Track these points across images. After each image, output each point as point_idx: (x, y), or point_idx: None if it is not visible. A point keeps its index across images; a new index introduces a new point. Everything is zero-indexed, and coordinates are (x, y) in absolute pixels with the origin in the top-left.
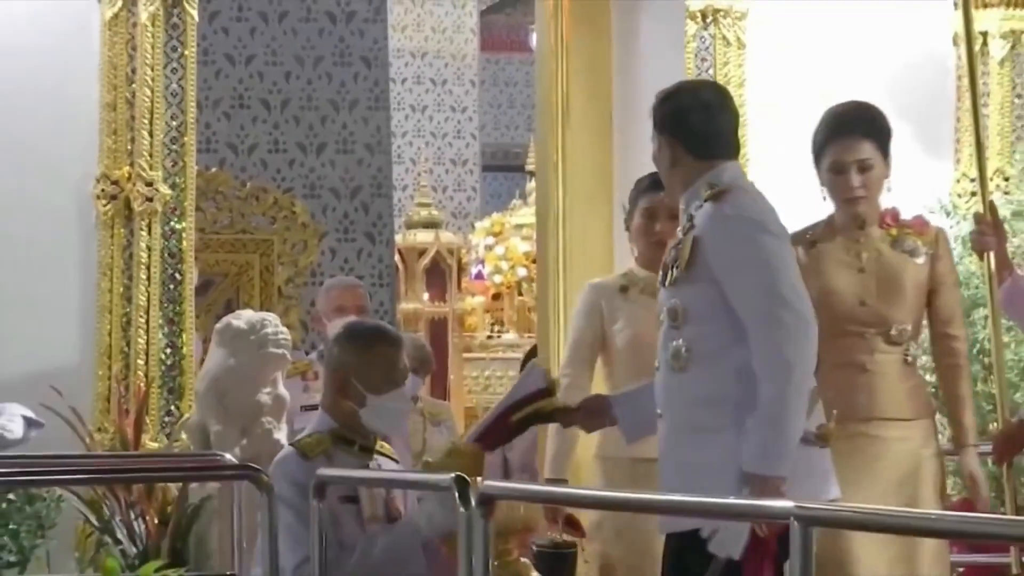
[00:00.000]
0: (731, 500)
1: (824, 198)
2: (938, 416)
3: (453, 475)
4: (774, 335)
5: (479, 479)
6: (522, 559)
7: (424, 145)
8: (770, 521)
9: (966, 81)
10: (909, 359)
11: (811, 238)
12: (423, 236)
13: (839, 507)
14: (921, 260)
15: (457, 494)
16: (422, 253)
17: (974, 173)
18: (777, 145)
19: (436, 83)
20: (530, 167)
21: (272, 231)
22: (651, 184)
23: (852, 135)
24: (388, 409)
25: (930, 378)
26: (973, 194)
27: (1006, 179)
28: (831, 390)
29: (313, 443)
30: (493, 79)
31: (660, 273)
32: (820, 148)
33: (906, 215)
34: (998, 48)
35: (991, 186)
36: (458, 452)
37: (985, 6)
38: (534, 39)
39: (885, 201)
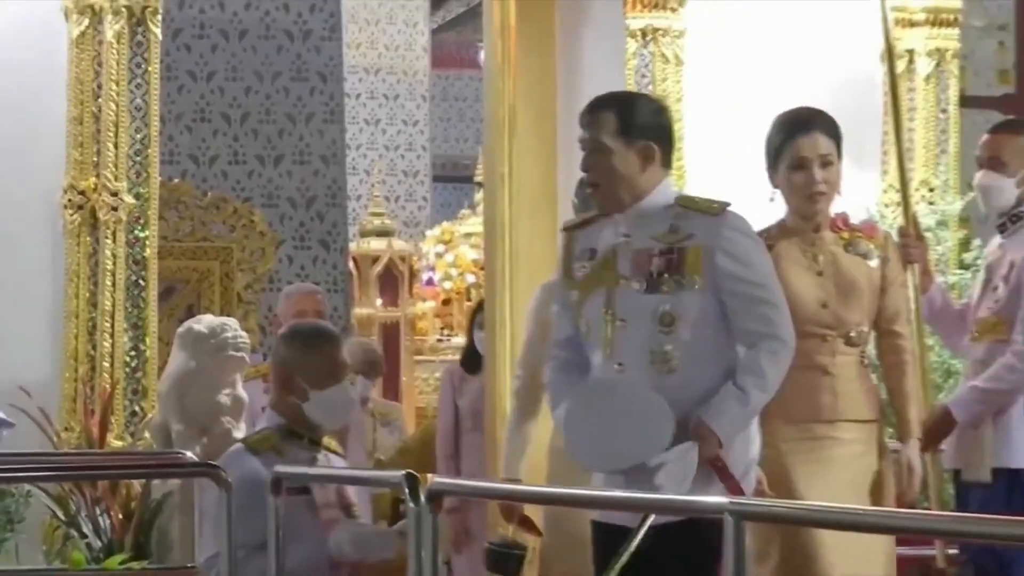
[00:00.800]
0: (668, 496)
1: (772, 199)
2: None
3: (403, 472)
4: (774, 346)
5: (428, 476)
6: None
7: (377, 157)
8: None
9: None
10: (865, 361)
11: (766, 242)
12: (376, 244)
13: (771, 503)
14: (874, 263)
15: (407, 490)
16: (375, 260)
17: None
18: (713, 158)
19: (389, 98)
20: (478, 178)
21: (231, 239)
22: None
23: (813, 131)
24: (330, 402)
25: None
26: (899, 204)
27: (931, 190)
28: (795, 392)
29: (261, 439)
30: (443, 94)
31: (640, 279)
32: (779, 147)
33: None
34: (924, 65)
35: (917, 196)
36: (408, 450)
37: (912, 25)
38: (482, 56)
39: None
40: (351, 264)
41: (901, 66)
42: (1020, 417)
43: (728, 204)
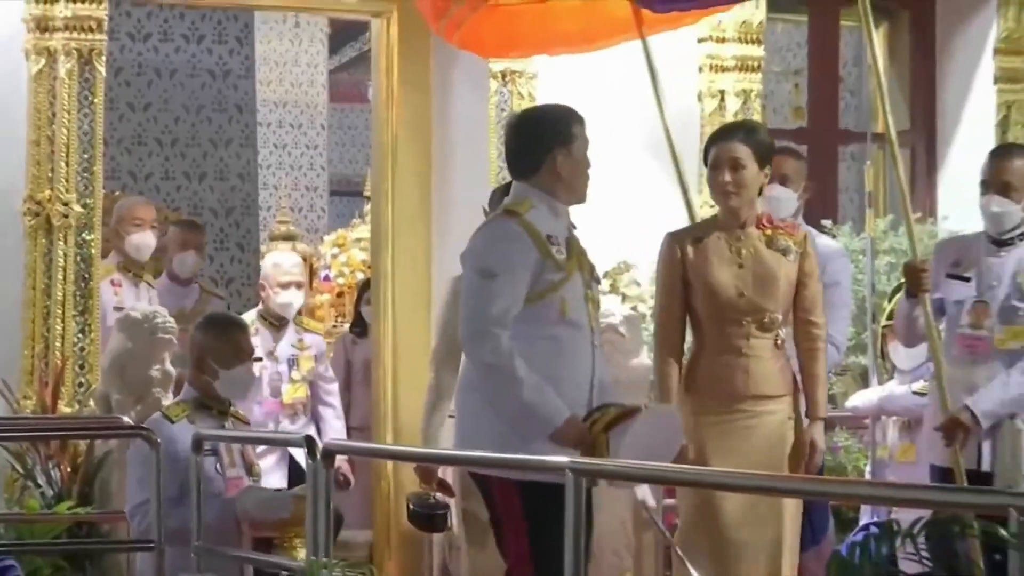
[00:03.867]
0: (515, 456)
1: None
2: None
3: (304, 435)
4: None
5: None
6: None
7: (284, 175)
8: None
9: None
10: (779, 343)
11: (697, 235)
12: (283, 247)
13: (609, 462)
14: (792, 258)
15: (306, 450)
16: None
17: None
18: None
19: (294, 127)
20: (367, 193)
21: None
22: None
23: (731, 140)
24: (236, 381)
25: None
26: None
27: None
28: (715, 371)
29: (177, 409)
30: (339, 124)
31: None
32: (706, 151)
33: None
34: (733, 103)
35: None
36: None
37: (723, 70)
38: (371, 93)
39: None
40: (262, 264)
41: (714, 104)
42: None
43: None
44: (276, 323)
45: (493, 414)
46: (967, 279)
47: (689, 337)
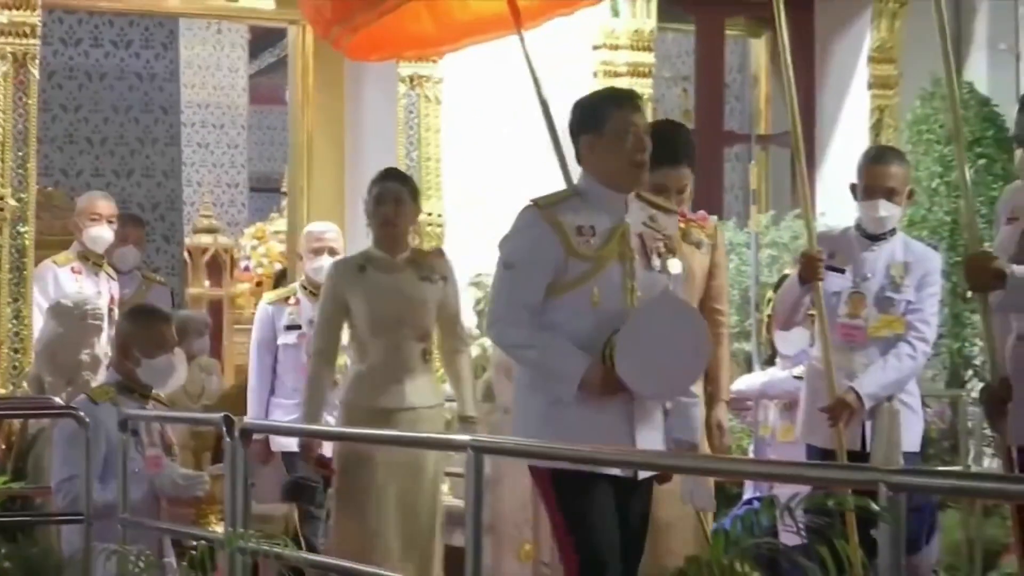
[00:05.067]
0: (423, 435)
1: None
2: None
3: (222, 415)
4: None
5: (243, 418)
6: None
7: (207, 172)
8: None
9: None
10: None
11: None
12: (205, 239)
13: (505, 440)
14: (704, 250)
15: (225, 428)
16: (204, 251)
17: None
18: (467, 180)
19: (216, 127)
20: (284, 189)
21: None
22: (383, 176)
23: (680, 165)
24: (158, 369)
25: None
26: None
27: None
28: None
29: (101, 391)
30: (258, 124)
31: (652, 259)
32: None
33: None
34: None
35: None
36: (227, 397)
37: (616, 76)
38: (288, 95)
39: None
40: (186, 255)
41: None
42: None
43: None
44: (315, 292)
45: (534, 400)
46: (842, 271)
47: None
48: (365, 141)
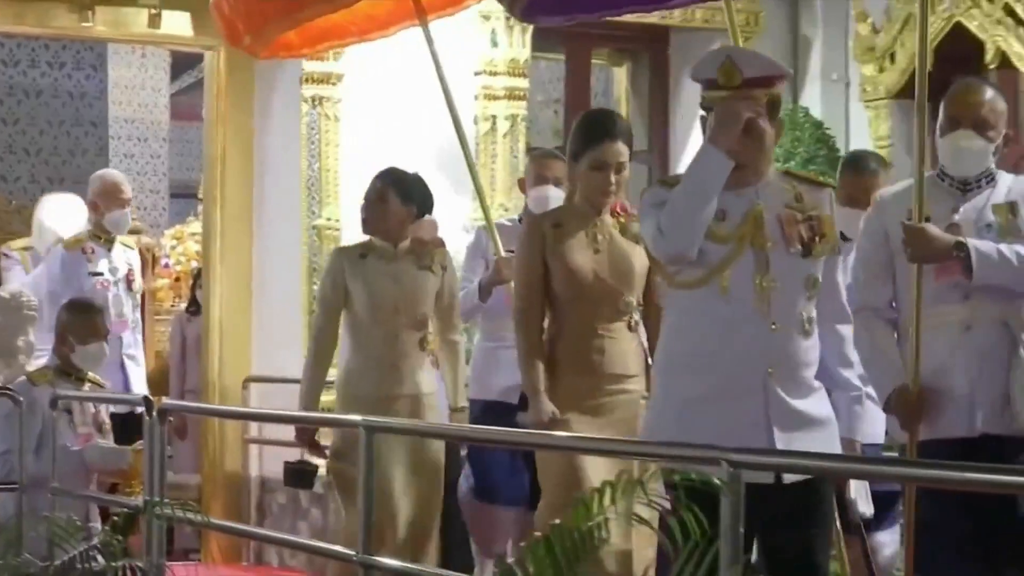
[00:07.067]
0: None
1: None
2: None
3: (142, 395)
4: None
5: (161, 399)
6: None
7: (132, 180)
8: None
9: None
10: (632, 324)
11: (554, 221)
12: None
13: (397, 421)
14: (642, 246)
15: (144, 408)
16: None
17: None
18: (362, 189)
19: (141, 140)
20: (200, 196)
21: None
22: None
23: (616, 140)
24: (90, 355)
25: None
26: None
27: (507, 210)
28: (574, 350)
29: (39, 374)
30: (178, 138)
31: (793, 244)
32: (583, 148)
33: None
34: (503, 126)
35: (496, 214)
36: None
37: (495, 99)
38: (204, 112)
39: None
40: None
41: (488, 127)
42: None
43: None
44: (100, 236)
45: (671, 400)
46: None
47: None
48: (272, 154)
